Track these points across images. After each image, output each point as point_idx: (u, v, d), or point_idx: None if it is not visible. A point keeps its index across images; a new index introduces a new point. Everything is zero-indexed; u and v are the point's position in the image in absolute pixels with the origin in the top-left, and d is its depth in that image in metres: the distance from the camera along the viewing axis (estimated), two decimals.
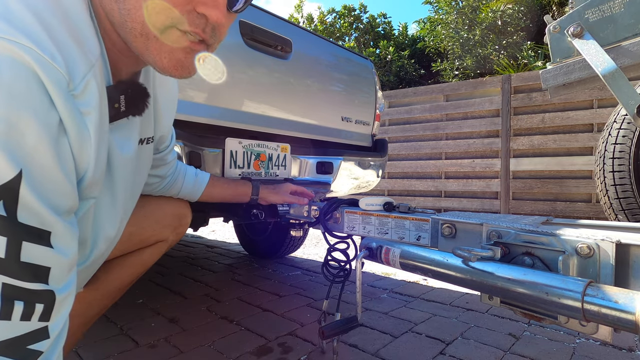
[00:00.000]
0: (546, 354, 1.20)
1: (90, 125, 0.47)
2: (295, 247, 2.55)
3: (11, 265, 0.40)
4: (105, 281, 0.93)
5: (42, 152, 0.41)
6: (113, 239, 0.71)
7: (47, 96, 0.41)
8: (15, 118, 0.38)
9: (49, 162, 0.42)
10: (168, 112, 0.83)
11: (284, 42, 1.58)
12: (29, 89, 0.39)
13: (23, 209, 0.40)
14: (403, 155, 5.03)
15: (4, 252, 0.39)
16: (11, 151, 0.38)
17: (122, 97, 0.56)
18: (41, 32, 0.40)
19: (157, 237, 0.99)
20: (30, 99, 0.39)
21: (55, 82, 0.41)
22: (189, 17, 0.49)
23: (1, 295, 0.39)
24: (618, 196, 1.75)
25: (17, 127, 0.38)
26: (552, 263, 0.61)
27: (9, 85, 0.37)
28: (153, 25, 0.48)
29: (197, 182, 1.05)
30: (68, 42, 0.43)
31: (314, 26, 9.39)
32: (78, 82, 0.44)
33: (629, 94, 1.08)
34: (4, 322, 0.40)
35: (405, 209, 0.93)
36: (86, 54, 0.46)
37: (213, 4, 0.49)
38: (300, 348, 1.24)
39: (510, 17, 6.20)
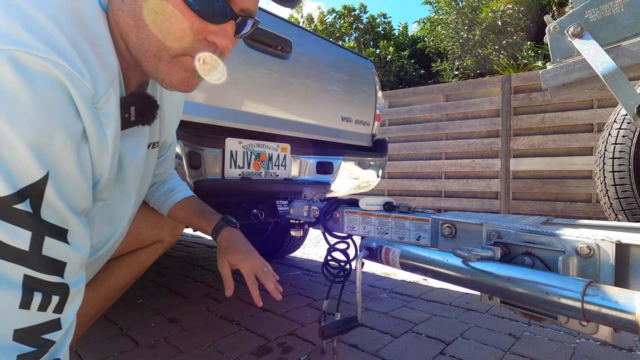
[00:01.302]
0: (546, 354, 1.20)
1: (109, 135, 0.52)
2: (295, 247, 2.55)
3: (33, 258, 0.43)
4: (104, 282, 0.93)
5: (67, 158, 0.46)
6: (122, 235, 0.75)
7: (75, 108, 0.46)
8: (47, 126, 0.43)
9: (72, 167, 0.47)
10: (173, 118, 0.86)
11: (284, 42, 1.58)
12: (60, 102, 0.44)
13: (46, 207, 0.44)
14: (403, 155, 5.03)
15: (28, 246, 0.43)
16: (41, 155, 0.43)
17: (132, 109, 0.60)
18: (72, 50, 0.45)
19: (154, 238, 0.99)
20: (60, 110, 0.44)
21: (82, 96, 0.46)
22: (200, 44, 0.54)
23: (22, 286, 0.43)
24: (618, 196, 1.75)
25: (48, 134, 0.43)
26: (552, 263, 0.61)
27: (43, 98, 0.42)
28: (167, 51, 0.54)
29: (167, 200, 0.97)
30: (93, 60, 0.48)
31: (314, 26, 9.39)
32: (101, 96, 0.49)
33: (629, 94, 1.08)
34: (23, 311, 0.43)
35: (405, 209, 0.93)
36: (107, 70, 0.51)
37: (223, 34, 0.55)
38: (300, 348, 1.24)
39: (510, 17, 6.20)
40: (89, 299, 0.91)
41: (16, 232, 0.42)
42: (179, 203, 0.96)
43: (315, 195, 1.27)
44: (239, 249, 0.87)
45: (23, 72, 0.41)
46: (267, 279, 0.85)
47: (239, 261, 0.85)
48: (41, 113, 0.42)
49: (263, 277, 0.85)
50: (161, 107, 0.77)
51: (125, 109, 0.59)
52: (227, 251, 0.86)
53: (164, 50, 0.54)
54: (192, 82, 0.58)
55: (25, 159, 0.42)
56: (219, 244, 0.89)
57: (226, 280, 0.86)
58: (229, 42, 0.55)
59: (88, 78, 0.46)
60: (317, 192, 1.27)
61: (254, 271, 0.85)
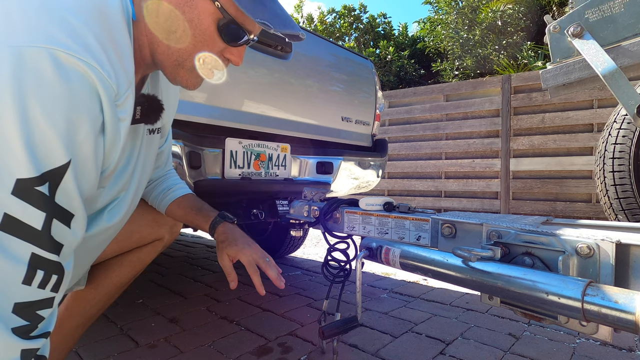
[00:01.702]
0: (546, 354, 1.20)
1: (123, 130, 0.59)
2: (295, 247, 2.55)
3: (43, 238, 0.48)
4: (105, 280, 0.93)
5: (87, 148, 0.52)
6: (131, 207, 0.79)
7: (100, 104, 0.52)
8: (76, 119, 0.49)
9: (89, 157, 0.53)
10: (172, 106, 0.90)
11: (284, 42, 1.58)
12: (88, 98, 0.50)
13: (61, 191, 0.49)
14: (403, 155, 5.03)
15: (41, 226, 0.48)
16: (67, 143, 0.49)
17: (139, 108, 0.67)
18: (102, 54, 0.52)
19: (154, 236, 0.99)
20: (88, 105, 0.50)
21: (107, 94, 0.52)
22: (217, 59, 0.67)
23: (28, 263, 0.47)
24: (618, 196, 1.75)
25: (75, 126, 0.49)
26: (552, 263, 0.61)
27: (75, 92, 0.49)
28: (191, 62, 0.66)
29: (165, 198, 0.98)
30: (118, 64, 0.55)
31: (314, 26, 9.39)
32: (121, 95, 0.56)
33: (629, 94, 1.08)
34: (25, 287, 0.47)
35: (405, 209, 0.93)
36: (127, 74, 0.57)
37: (238, 54, 0.69)
38: (300, 348, 1.24)
39: (510, 17, 6.20)
40: (89, 297, 0.92)
41: (32, 211, 0.47)
42: (177, 200, 0.96)
43: (315, 195, 1.27)
44: (236, 241, 0.87)
45: (61, 69, 0.47)
46: (269, 266, 0.84)
47: (238, 252, 0.84)
48: (72, 106, 0.48)
49: (264, 265, 0.84)
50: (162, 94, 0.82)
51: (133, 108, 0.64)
52: (225, 244, 0.86)
53: (188, 61, 0.66)
54: (199, 86, 0.72)
55: (53, 146, 0.47)
56: (217, 239, 0.89)
57: (228, 272, 0.85)
58: (241, 60, 0.71)
59: (114, 79, 0.53)
60: (317, 192, 1.27)
61: (254, 260, 0.84)
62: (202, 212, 0.95)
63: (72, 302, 0.91)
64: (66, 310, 0.91)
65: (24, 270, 0.46)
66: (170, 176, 1.02)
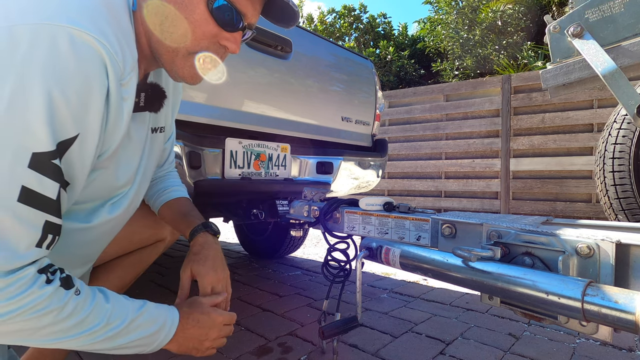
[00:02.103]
0: (546, 354, 1.20)
1: (126, 109, 0.60)
2: (295, 247, 2.55)
3: (56, 206, 0.52)
4: (106, 282, 0.93)
5: (95, 123, 0.54)
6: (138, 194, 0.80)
7: (107, 81, 0.54)
8: (87, 93, 0.52)
9: (95, 133, 0.55)
10: (174, 105, 0.91)
11: (284, 42, 1.58)
12: (99, 73, 0.53)
13: (65, 163, 0.53)
14: (403, 155, 5.03)
15: (56, 195, 0.52)
16: (77, 117, 0.51)
17: (143, 95, 0.68)
18: (112, 35, 0.55)
19: (156, 237, 0.99)
20: (99, 81, 0.53)
21: (115, 71, 0.55)
22: (213, 47, 0.66)
23: (43, 229, 0.51)
24: (618, 196, 1.75)
25: (85, 100, 0.52)
26: (552, 263, 0.61)
27: (88, 69, 0.51)
28: (186, 49, 0.64)
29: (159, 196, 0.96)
30: (125, 46, 0.57)
31: (314, 26, 9.39)
32: (126, 75, 0.58)
33: (629, 94, 1.08)
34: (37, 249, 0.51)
35: (405, 209, 0.93)
36: (133, 56, 0.60)
37: (234, 40, 0.67)
38: (300, 348, 1.24)
39: (510, 17, 6.19)
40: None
41: (48, 183, 0.50)
42: (169, 202, 0.93)
43: (315, 195, 1.27)
44: (206, 259, 0.79)
45: (76, 46, 0.50)
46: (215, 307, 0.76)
47: (200, 272, 0.77)
48: (85, 82, 0.51)
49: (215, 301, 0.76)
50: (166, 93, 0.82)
51: (137, 94, 0.65)
52: (194, 257, 0.79)
53: (183, 47, 0.64)
54: (199, 76, 0.69)
55: (65, 120, 0.50)
56: (190, 248, 0.83)
57: (181, 287, 0.78)
58: (237, 47, 0.68)
59: (121, 58, 0.56)
60: (317, 192, 1.27)
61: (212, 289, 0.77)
62: (187, 218, 0.89)
63: None
64: None
65: (38, 235, 0.51)
66: (169, 177, 1.00)
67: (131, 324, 0.60)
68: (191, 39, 0.63)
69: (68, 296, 0.53)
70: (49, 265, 0.54)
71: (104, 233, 0.75)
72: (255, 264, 2.45)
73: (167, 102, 0.84)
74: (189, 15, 0.62)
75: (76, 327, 0.54)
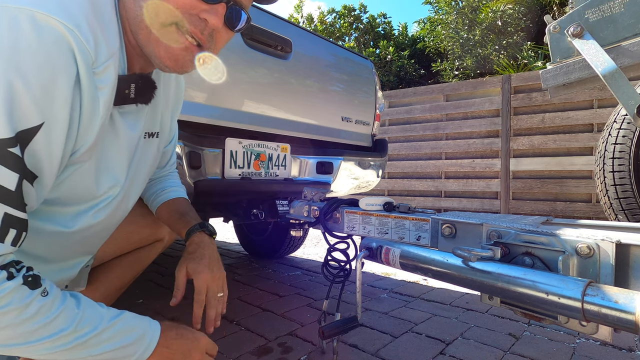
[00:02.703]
0: (546, 354, 1.20)
1: (102, 100, 0.57)
2: (295, 247, 2.54)
3: (16, 198, 0.49)
4: (105, 281, 0.93)
5: (62, 111, 0.51)
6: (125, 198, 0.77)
7: (76, 67, 0.52)
8: (51, 79, 0.49)
9: (63, 122, 0.52)
10: (173, 110, 0.88)
11: (284, 42, 1.58)
12: (65, 59, 0.50)
13: (29, 153, 0.50)
14: (403, 155, 5.03)
15: (15, 186, 0.49)
16: (41, 104, 0.49)
17: (133, 86, 0.65)
18: (83, 21, 0.52)
19: (154, 237, 0.99)
20: (64, 66, 0.50)
21: (83, 58, 0.52)
22: (191, 19, 0.60)
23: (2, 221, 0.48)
24: (618, 196, 1.75)
25: (50, 86, 0.49)
26: (552, 263, 0.61)
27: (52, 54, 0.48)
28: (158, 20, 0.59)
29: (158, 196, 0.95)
30: (99, 34, 0.55)
31: (314, 26, 9.39)
32: (100, 64, 0.55)
33: (629, 94, 1.08)
34: None
35: (405, 209, 0.93)
36: (109, 45, 0.57)
37: (214, 12, 0.60)
38: (300, 348, 1.24)
39: (510, 17, 6.19)
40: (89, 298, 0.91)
41: (6, 173, 0.47)
42: (166, 202, 0.93)
43: (315, 195, 1.27)
44: (201, 258, 0.78)
45: (38, 29, 0.47)
46: (212, 306, 0.76)
47: (196, 271, 0.76)
48: (47, 67, 0.48)
49: (211, 302, 0.76)
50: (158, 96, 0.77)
51: (126, 85, 0.63)
52: (190, 256, 0.79)
53: (157, 22, 0.59)
54: (181, 60, 0.63)
55: (27, 107, 0.47)
56: (186, 248, 0.82)
57: (177, 287, 0.77)
58: (219, 21, 0.61)
59: (92, 45, 0.53)
60: (317, 192, 1.27)
61: (207, 289, 0.76)
62: (184, 218, 0.89)
63: None
64: None
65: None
66: (169, 178, 1.00)
67: (103, 332, 0.55)
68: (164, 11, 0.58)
69: (32, 296, 0.50)
70: (15, 262, 0.51)
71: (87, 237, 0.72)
72: (255, 264, 2.45)
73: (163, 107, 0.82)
74: None
75: (40, 331, 0.50)
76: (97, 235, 0.75)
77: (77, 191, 0.64)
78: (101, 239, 0.79)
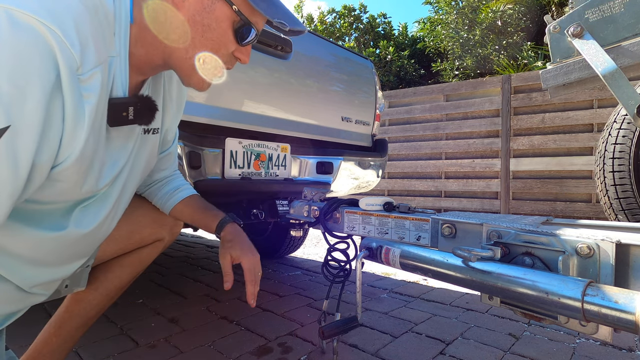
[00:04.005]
0: (546, 354, 1.20)
1: (87, 109, 0.55)
2: (295, 247, 2.54)
3: None
4: (105, 281, 0.93)
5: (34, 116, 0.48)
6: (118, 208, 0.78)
7: (56, 70, 0.49)
8: (23, 83, 0.46)
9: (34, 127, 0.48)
10: (176, 107, 0.89)
11: (284, 42, 1.58)
12: (40, 60, 0.47)
13: None
14: (403, 155, 5.03)
15: None
16: (8, 106, 0.45)
17: (131, 109, 0.65)
18: (70, 24, 0.50)
19: (155, 237, 0.99)
20: (40, 68, 0.47)
21: (67, 63, 0.49)
22: (227, 58, 0.71)
23: None
24: (618, 196, 1.75)
25: (21, 88, 0.46)
26: (552, 263, 0.61)
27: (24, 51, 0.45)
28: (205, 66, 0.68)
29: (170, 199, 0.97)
30: (89, 39, 0.53)
31: (314, 26, 9.39)
32: (86, 71, 0.53)
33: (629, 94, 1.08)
34: None
35: (405, 209, 0.93)
36: (99, 53, 0.55)
37: (246, 52, 0.72)
38: (300, 348, 1.24)
39: (510, 17, 6.19)
40: (90, 298, 0.91)
41: None
42: (184, 201, 0.97)
43: (315, 195, 1.27)
44: (242, 244, 0.88)
45: (15, 27, 0.45)
46: (255, 283, 0.86)
47: (242, 256, 0.86)
48: (19, 67, 0.45)
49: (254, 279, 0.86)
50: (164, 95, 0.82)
51: (124, 108, 0.64)
52: (230, 244, 0.87)
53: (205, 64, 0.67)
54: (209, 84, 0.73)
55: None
56: (223, 238, 0.90)
57: (226, 273, 0.86)
58: (247, 58, 0.73)
59: (77, 49, 0.50)
60: (317, 192, 1.27)
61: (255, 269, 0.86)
62: (210, 212, 0.96)
63: (72, 303, 0.91)
64: (66, 311, 0.91)
65: None
66: (176, 177, 1.02)
67: None
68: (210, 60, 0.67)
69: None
70: None
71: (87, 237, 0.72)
72: None
73: (166, 103, 0.83)
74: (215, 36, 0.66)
75: None
76: (94, 235, 0.75)
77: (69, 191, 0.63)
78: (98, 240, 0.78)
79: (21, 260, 0.64)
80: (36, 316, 1.43)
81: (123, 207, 0.81)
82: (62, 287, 0.83)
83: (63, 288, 0.84)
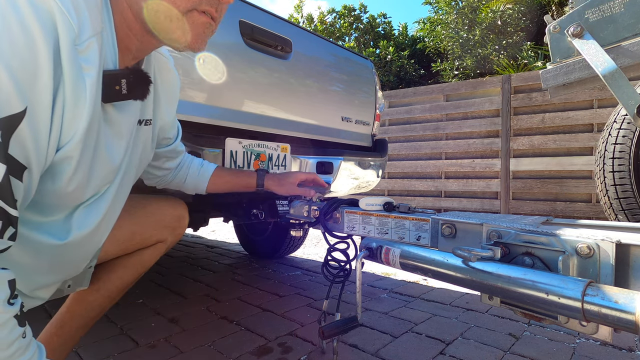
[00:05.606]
0: (546, 354, 1.20)
1: (88, 83, 0.53)
2: (295, 247, 2.54)
3: (4, 191, 0.45)
4: (107, 282, 0.93)
5: (45, 97, 0.47)
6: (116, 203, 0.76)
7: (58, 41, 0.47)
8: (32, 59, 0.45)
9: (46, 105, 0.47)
10: (168, 99, 0.86)
11: (284, 42, 1.58)
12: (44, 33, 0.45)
13: (15, 142, 0.45)
14: (403, 155, 5.03)
15: (1, 178, 0.45)
16: (23, 89, 0.44)
17: (124, 82, 0.61)
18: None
19: (157, 238, 0.99)
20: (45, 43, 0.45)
21: (66, 32, 0.48)
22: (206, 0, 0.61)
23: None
24: (618, 196, 1.75)
25: (32, 69, 0.45)
26: (552, 263, 0.61)
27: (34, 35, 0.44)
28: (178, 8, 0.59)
29: (201, 173, 1.06)
30: (84, 10, 0.51)
31: (314, 26, 9.39)
32: (83, 40, 0.51)
33: (629, 94, 1.08)
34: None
35: (405, 209, 0.93)
36: (93, 23, 0.53)
37: None
38: (300, 348, 1.24)
39: (510, 17, 6.19)
40: (91, 299, 0.92)
41: None
42: (215, 173, 1.08)
43: (315, 195, 1.27)
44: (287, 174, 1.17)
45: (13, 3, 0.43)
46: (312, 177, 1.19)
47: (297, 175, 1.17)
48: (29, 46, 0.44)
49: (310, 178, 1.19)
50: (155, 85, 0.78)
51: (116, 81, 0.60)
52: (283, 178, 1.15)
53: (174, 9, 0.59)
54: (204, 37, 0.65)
55: (8, 91, 0.43)
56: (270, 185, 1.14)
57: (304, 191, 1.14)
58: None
59: (75, 19, 0.49)
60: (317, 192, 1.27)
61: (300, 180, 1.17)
62: (243, 172, 1.16)
63: (74, 303, 0.91)
64: (67, 312, 0.91)
65: None
66: (192, 158, 1.08)
67: None
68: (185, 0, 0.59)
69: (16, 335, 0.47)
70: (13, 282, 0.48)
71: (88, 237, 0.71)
72: (255, 264, 2.45)
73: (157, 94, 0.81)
74: None
75: None
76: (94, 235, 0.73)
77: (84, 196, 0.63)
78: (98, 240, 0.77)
79: (23, 267, 0.63)
80: (37, 316, 1.43)
81: (121, 203, 0.79)
82: (64, 287, 0.83)
83: (66, 287, 0.84)
